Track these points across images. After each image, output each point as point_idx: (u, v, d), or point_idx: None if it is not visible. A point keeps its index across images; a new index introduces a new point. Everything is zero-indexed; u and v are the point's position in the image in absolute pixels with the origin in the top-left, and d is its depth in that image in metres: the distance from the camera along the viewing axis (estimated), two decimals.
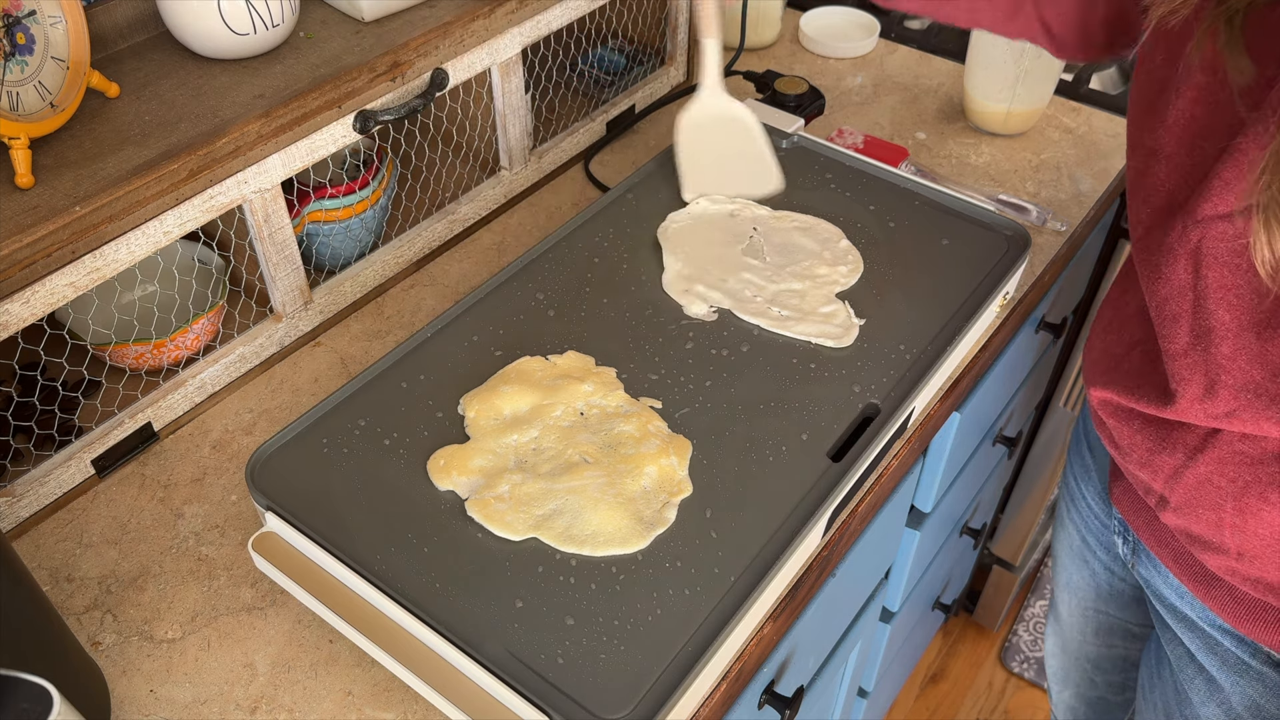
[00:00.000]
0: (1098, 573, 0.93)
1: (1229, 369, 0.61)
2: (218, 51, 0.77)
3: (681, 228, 0.84)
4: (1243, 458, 0.65)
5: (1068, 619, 1.02)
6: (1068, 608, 1.01)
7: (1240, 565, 0.68)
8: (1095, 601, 0.96)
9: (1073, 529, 0.94)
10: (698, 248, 0.82)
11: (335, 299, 0.86)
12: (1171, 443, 0.69)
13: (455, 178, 1.00)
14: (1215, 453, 0.66)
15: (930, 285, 0.80)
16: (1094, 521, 0.90)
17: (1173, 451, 0.69)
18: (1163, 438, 0.70)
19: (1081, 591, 0.97)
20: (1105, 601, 0.95)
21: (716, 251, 0.82)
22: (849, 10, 1.24)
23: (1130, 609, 0.94)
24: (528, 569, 0.61)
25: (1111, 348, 0.74)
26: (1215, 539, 0.69)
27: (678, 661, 0.57)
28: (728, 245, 0.82)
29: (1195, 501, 0.69)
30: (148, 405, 0.76)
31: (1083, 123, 1.09)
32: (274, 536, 0.64)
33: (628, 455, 0.66)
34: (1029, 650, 1.72)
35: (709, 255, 0.81)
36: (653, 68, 1.09)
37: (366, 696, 0.63)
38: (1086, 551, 0.93)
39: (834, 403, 0.71)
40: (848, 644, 0.99)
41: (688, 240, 0.82)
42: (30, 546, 0.71)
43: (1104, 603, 0.96)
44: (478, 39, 0.85)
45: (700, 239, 0.83)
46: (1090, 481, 0.88)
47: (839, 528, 0.72)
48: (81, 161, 0.69)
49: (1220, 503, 0.67)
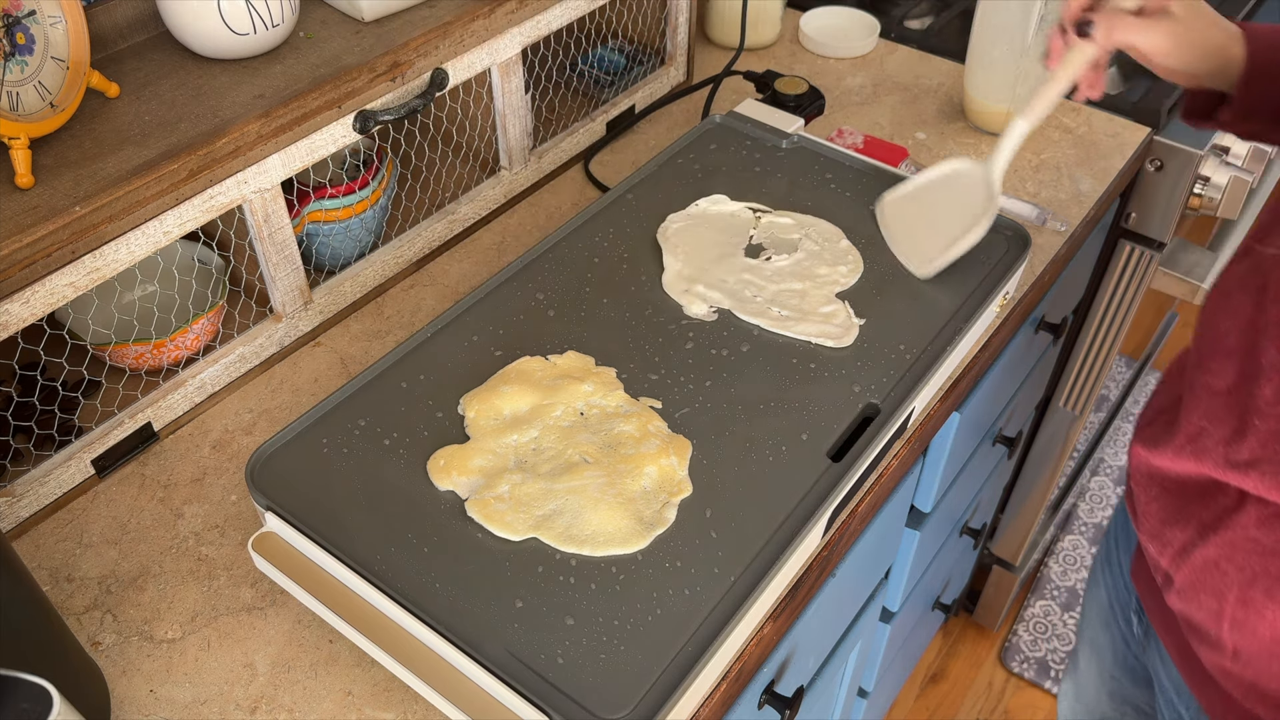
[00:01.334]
0: (1117, 641, 0.90)
1: (1266, 413, 0.59)
2: (218, 51, 0.77)
3: (681, 228, 0.83)
4: (1255, 546, 0.62)
5: (1085, 673, 0.98)
6: (1087, 663, 0.97)
7: (1235, 667, 0.65)
8: (1113, 668, 0.93)
9: (1103, 590, 0.90)
10: (698, 248, 0.82)
11: (335, 299, 0.86)
12: (1185, 516, 0.66)
13: (455, 178, 1.00)
14: (1228, 535, 0.63)
15: (930, 285, 0.80)
16: (1121, 590, 0.87)
17: (1185, 525, 0.66)
18: (1178, 509, 0.67)
19: (1102, 654, 0.94)
20: (1122, 671, 0.92)
21: (716, 251, 0.81)
22: (849, 10, 1.24)
23: (1141, 688, 0.90)
24: (528, 569, 0.61)
25: (1158, 399, 0.72)
26: (1214, 632, 0.66)
27: (678, 661, 0.57)
28: (728, 245, 0.82)
29: (1199, 585, 0.66)
30: (148, 405, 0.76)
31: (1083, 123, 1.09)
32: (274, 536, 0.64)
33: (628, 455, 0.66)
34: (1029, 650, 1.72)
35: (709, 255, 0.81)
36: (653, 68, 1.09)
37: (366, 696, 0.63)
38: (1111, 617, 0.90)
39: (834, 403, 0.71)
40: (848, 644, 0.99)
41: (688, 240, 0.82)
42: (30, 546, 0.71)
43: (1120, 672, 0.92)
44: (478, 39, 0.85)
45: (700, 239, 0.82)
46: (1128, 547, 0.85)
47: (839, 528, 0.72)
48: (81, 161, 0.69)
49: (1224, 591, 0.64)
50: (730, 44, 1.20)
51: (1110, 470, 1.98)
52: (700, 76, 1.15)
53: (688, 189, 0.88)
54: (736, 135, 0.94)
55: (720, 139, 0.94)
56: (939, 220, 0.80)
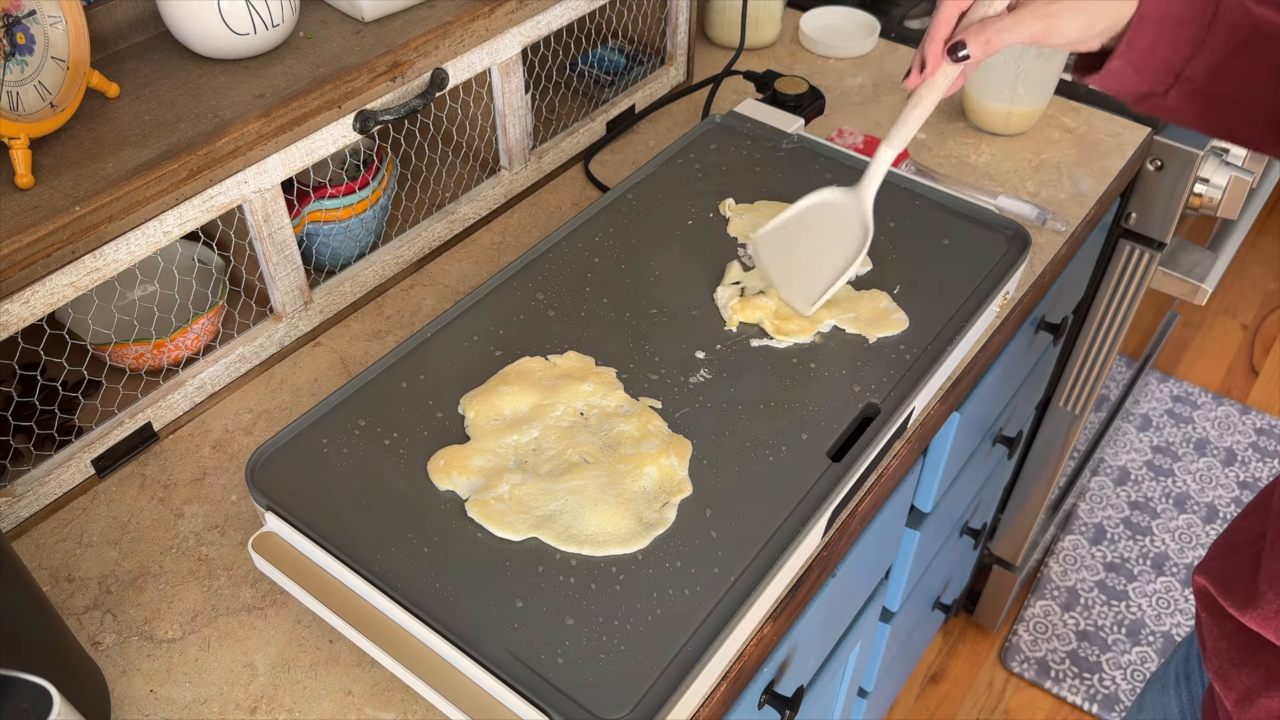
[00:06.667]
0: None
1: None
2: (218, 51, 0.77)
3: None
4: None
5: None
6: None
7: None
8: None
9: (1174, 702, 0.83)
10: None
11: (335, 299, 0.86)
12: (1254, 661, 0.61)
13: (455, 178, 1.00)
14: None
15: (930, 285, 0.80)
16: (1190, 713, 0.81)
17: (1252, 670, 0.61)
18: (1250, 652, 0.62)
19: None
20: None
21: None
22: (849, 10, 1.24)
23: None
24: (528, 569, 0.61)
25: (1235, 534, 0.68)
26: None
27: (678, 661, 0.57)
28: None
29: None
30: (148, 405, 0.76)
31: (1083, 123, 1.09)
32: (274, 536, 0.64)
33: (628, 455, 0.66)
34: (1029, 650, 1.72)
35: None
36: (653, 68, 1.09)
37: (366, 696, 0.63)
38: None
39: (834, 403, 0.71)
40: (848, 644, 0.99)
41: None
42: (30, 546, 0.71)
43: None
44: (478, 39, 0.85)
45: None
46: (1203, 675, 0.79)
47: (839, 528, 0.72)
48: (81, 161, 0.69)
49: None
50: (730, 44, 1.20)
51: (1110, 470, 1.98)
52: (700, 76, 1.15)
53: (688, 189, 0.88)
54: (736, 135, 0.94)
55: (720, 139, 0.94)
56: (816, 254, 0.77)
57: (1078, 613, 1.77)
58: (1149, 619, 1.76)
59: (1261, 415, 2.09)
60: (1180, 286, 1.18)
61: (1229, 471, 1.98)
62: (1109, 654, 1.71)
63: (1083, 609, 1.77)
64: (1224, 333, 2.29)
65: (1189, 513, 1.91)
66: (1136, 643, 1.73)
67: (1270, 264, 2.46)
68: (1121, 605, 1.77)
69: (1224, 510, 1.92)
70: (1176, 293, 1.19)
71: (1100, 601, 1.78)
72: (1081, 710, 1.66)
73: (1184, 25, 0.63)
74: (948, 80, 0.70)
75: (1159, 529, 1.89)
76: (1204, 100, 0.65)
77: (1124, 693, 1.67)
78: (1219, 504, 1.92)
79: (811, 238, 0.77)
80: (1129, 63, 0.65)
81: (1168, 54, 0.64)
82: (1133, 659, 1.70)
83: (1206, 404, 2.11)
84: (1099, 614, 1.76)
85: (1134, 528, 1.89)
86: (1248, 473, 1.98)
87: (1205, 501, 1.93)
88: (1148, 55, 0.65)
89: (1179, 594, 1.79)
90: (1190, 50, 0.64)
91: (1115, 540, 1.87)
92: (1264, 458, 2.01)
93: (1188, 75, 0.64)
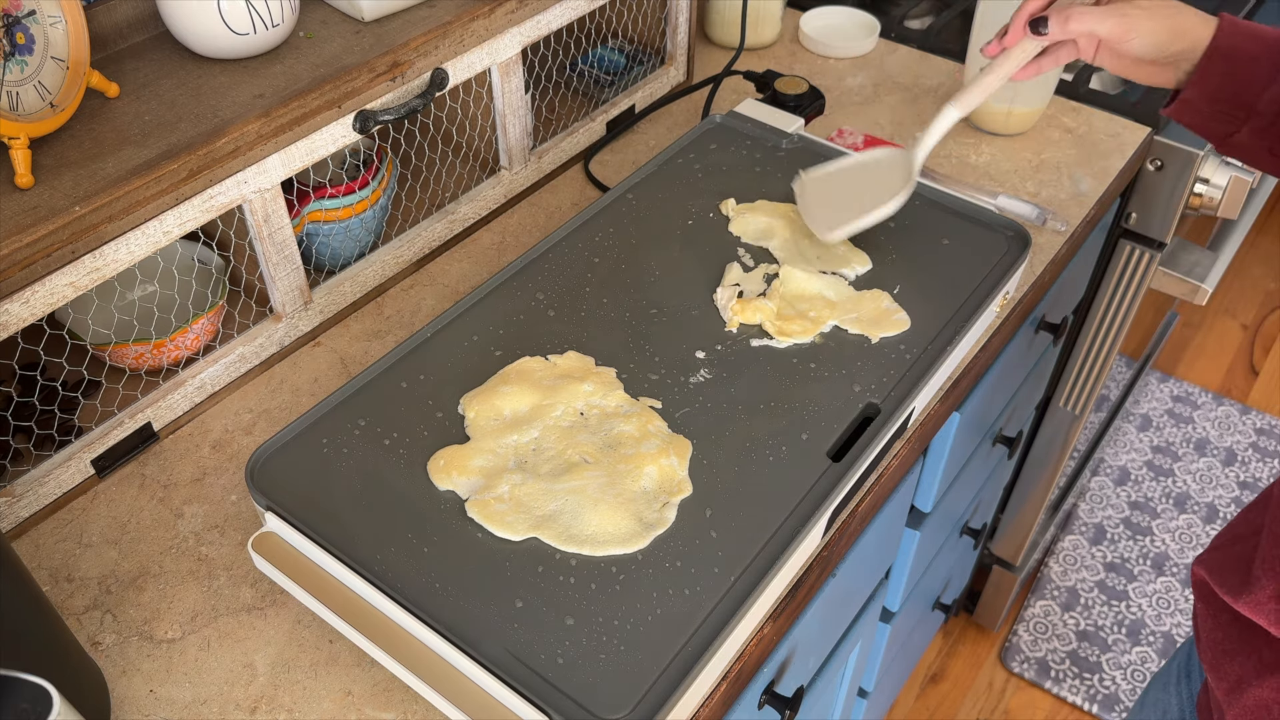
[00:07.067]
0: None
1: None
2: (217, 51, 0.77)
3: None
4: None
5: None
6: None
7: None
8: None
9: (1174, 699, 0.84)
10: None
11: (335, 299, 0.86)
12: (1246, 650, 0.62)
13: (455, 178, 1.00)
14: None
15: (930, 285, 0.80)
16: (1189, 710, 0.82)
17: (1244, 659, 0.62)
18: (1242, 641, 0.63)
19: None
20: None
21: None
22: (849, 10, 1.24)
23: None
24: (528, 569, 0.61)
25: (1235, 528, 0.69)
26: None
27: (678, 661, 0.57)
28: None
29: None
30: (148, 405, 0.76)
31: (1083, 123, 1.09)
32: (274, 536, 0.64)
33: (628, 455, 0.66)
34: (1029, 650, 1.72)
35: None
36: (653, 68, 1.09)
37: (366, 696, 0.63)
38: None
39: (834, 403, 0.71)
40: (848, 644, 0.99)
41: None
42: (30, 546, 0.71)
43: None
44: (478, 39, 0.85)
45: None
46: (1200, 671, 0.80)
47: (839, 528, 0.72)
48: (81, 161, 0.69)
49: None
50: (730, 44, 1.20)
51: (1110, 470, 1.98)
52: (700, 76, 1.15)
53: (688, 189, 0.88)
54: (737, 135, 0.94)
55: (720, 139, 0.94)
56: (853, 198, 0.80)
57: (1078, 613, 1.77)
58: (1149, 619, 1.76)
59: (1261, 415, 2.09)
60: (1180, 286, 1.18)
61: (1229, 471, 1.98)
62: (1109, 654, 1.71)
63: (1083, 609, 1.77)
64: (1224, 333, 2.29)
65: (1189, 513, 1.91)
66: (1136, 643, 1.73)
67: (1270, 264, 2.46)
68: (1121, 605, 1.77)
69: (1224, 510, 1.91)
70: (1176, 293, 1.19)
71: (1100, 601, 1.78)
72: (1081, 710, 1.66)
73: (1256, 62, 0.66)
74: (1024, 55, 0.74)
75: (1159, 529, 1.89)
76: (1275, 136, 0.68)
77: (1124, 693, 1.67)
78: (1219, 504, 1.92)
79: (854, 187, 0.81)
80: (1202, 93, 0.69)
81: (1239, 87, 0.67)
82: (1133, 659, 1.70)
83: (1206, 404, 2.11)
84: (1099, 614, 1.76)
85: (1134, 528, 1.89)
86: (1248, 473, 1.98)
87: (1205, 501, 1.93)
88: (1219, 87, 0.68)
89: (1179, 594, 1.79)
90: (1262, 85, 0.66)
91: (1115, 540, 1.87)
92: (1264, 458, 2.01)
93: (1260, 110, 0.67)
